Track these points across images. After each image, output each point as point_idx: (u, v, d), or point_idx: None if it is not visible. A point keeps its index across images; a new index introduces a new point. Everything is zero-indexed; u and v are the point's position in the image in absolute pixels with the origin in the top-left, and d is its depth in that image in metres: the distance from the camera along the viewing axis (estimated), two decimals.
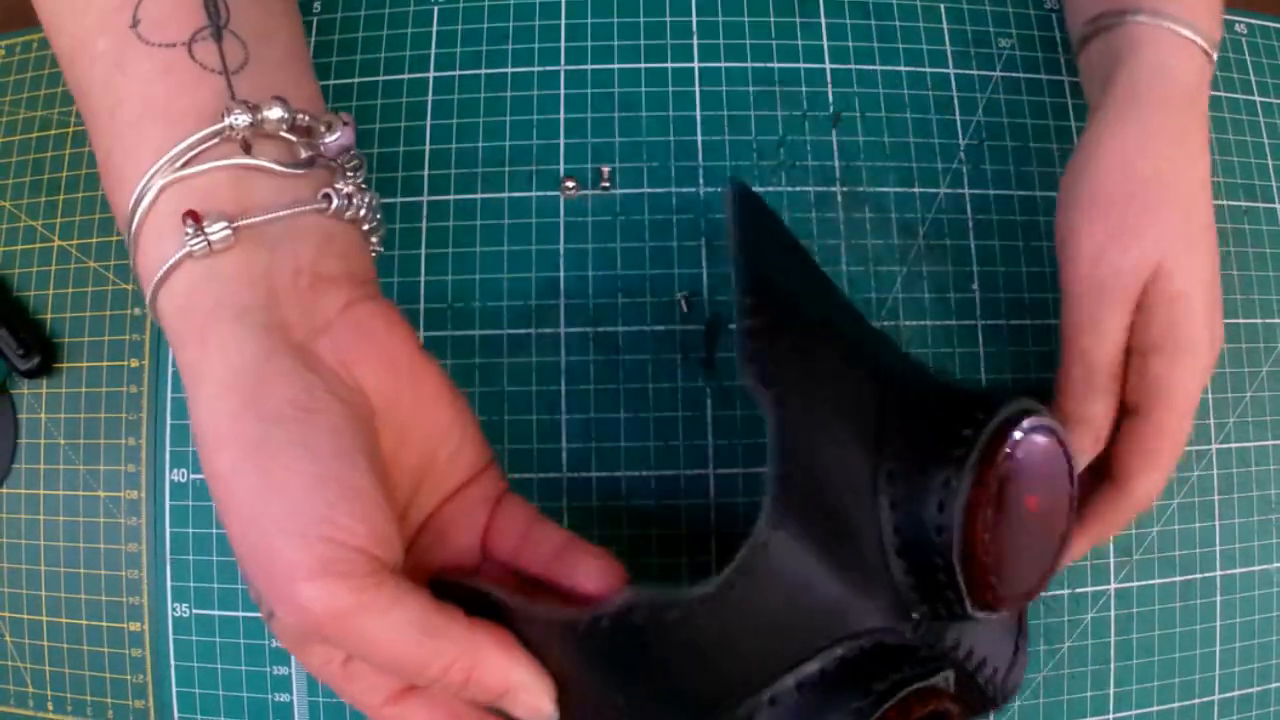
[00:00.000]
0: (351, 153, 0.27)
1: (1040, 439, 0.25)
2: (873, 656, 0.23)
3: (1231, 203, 0.39)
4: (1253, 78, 0.41)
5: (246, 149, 0.25)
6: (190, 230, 0.23)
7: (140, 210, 0.24)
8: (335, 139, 0.27)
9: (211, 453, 0.23)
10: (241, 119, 0.24)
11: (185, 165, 0.24)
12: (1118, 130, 0.30)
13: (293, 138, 0.26)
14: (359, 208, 0.26)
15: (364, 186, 0.27)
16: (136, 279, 0.26)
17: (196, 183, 0.24)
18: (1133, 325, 0.30)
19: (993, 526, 0.23)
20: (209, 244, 0.23)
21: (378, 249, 0.29)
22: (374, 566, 0.22)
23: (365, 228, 0.28)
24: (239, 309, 0.23)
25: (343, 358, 0.24)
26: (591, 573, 0.25)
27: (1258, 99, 0.40)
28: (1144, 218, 0.29)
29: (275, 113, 0.25)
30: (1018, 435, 0.24)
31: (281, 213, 0.25)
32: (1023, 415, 0.25)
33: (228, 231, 0.23)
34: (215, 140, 0.24)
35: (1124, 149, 0.30)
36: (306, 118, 0.26)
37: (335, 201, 0.26)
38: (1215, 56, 0.32)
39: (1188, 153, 0.31)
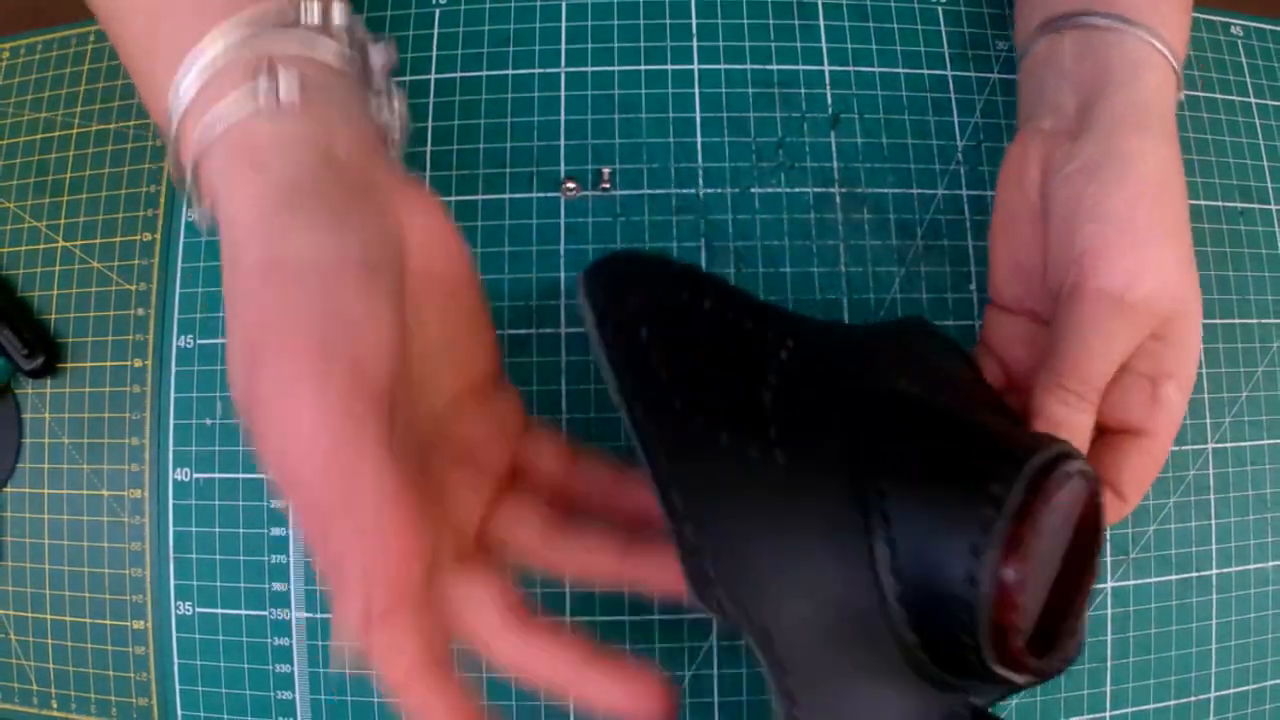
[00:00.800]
0: (390, 78, 0.29)
1: (1076, 485, 0.23)
2: None
3: (1227, 204, 0.39)
4: (1248, 79, 0.41)
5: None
6: (265, 79, 0.24)
7: (199, 66, 0.24)
8: (381, 53, 0.28)
9: (243, 240, 0.22)
10: (314, 7, 0.25)
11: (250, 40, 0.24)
12: (1148, 154, 0.30)
13: (346, 44, 0.27)
14: (397, 109, 0.28)
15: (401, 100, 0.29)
16: (175, 154, 0.26)
17: (254, 57, 0.24)
18: (1141, 350, 0.30)
19: (1022, 594, 0.21)
20: (278, 97, 0.24)
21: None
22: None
23: (395, 137, 0.29)
24: (297, 138, 0.24)
25: (392, 207, 0.25)
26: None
27: (1253, 101, 0.41)
28: (1178, 254, 0.30)
29: (340, 12, 0.26)
30: (1056, 488, 0.22)
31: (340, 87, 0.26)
32: (1059, 460, 0.22)
33: (296, 89, 0.24)
34: (278, 28, 0.25)
35: (1153, 177, 0.30)
36: (360, 28, 0.27)
37: (384, 94, 0.28)
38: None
39: (1184, 187, 0.31)
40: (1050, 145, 0.32)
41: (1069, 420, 0.30)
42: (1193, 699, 0.36)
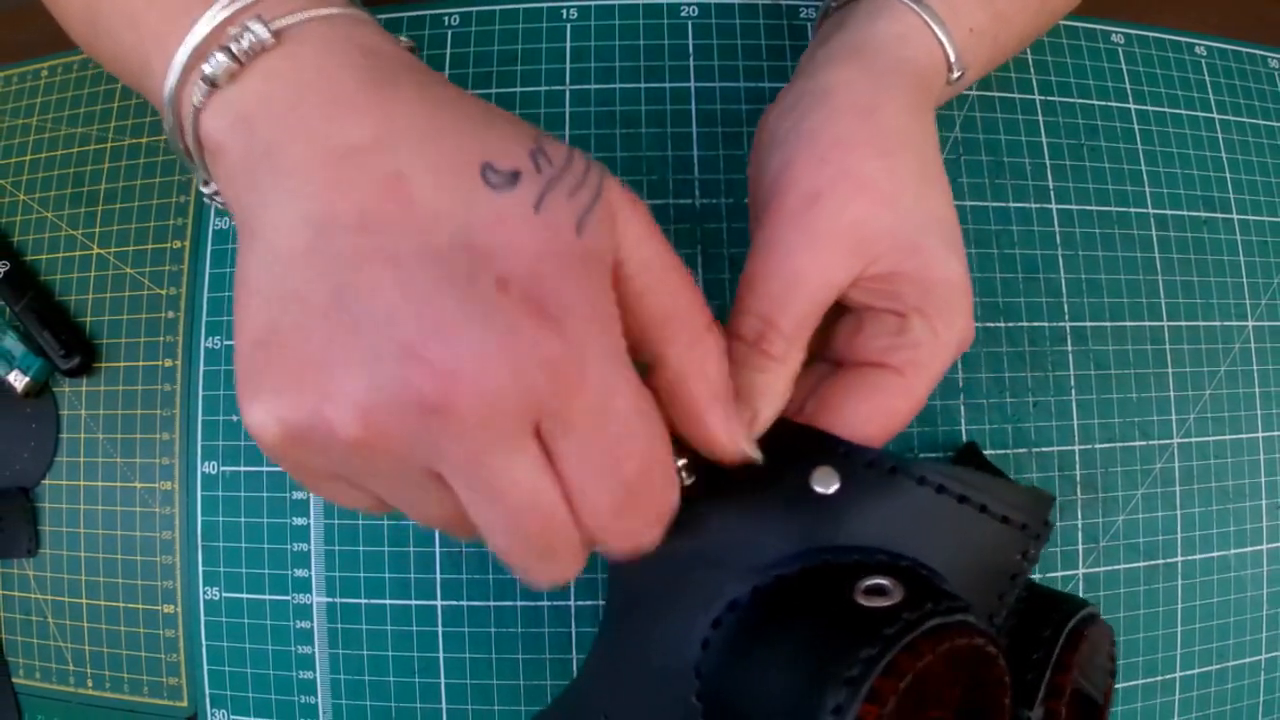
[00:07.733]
0: None
1: (958, 642, 0.21)
2: None
3: (1191, 213, 0.41)
4: (1211, 96, 0.43)
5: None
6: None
7: (211, 24, 0.22)
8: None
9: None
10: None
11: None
12: (855, 82, 0.27)
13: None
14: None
15: None
16: (196, 97, 0.23)
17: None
18: (877, 288, 0.26)
19: None
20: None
21: None
22: None
23: None
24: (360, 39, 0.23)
25: None
26: None
27: (1216, 116, 0.43)
28: (894, 175, 0.25)
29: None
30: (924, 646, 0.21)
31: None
32: (937, 625, 0.21)
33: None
34: None
35: (857, 102, 0.26)
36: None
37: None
38: (956, 77, 0.30)
39: (924, 125, 0.27)
40: (773, 107, 0.29)
41: (761, 382, 0.25)
42: (1159, 678, 0.38)
